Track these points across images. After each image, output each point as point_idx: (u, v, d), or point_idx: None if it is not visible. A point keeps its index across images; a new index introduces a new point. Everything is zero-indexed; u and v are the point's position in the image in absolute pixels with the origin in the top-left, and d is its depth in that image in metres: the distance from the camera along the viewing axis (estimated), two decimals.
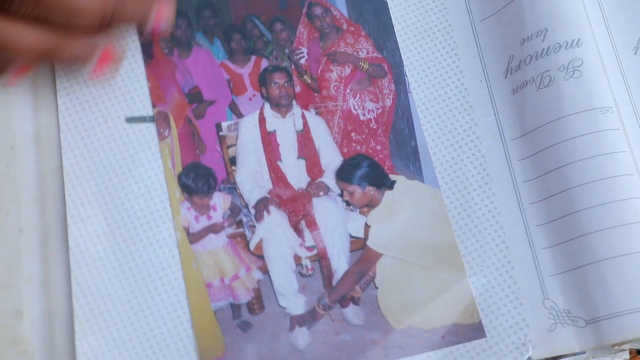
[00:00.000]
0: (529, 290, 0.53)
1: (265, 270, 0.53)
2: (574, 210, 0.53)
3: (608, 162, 0.53)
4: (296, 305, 0.53)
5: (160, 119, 0.56)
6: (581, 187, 0.53)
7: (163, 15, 0.54)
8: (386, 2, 0.60)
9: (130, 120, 0.56)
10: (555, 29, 0.56)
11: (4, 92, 0.57)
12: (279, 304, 0.53)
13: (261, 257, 0.54)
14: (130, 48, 0.57)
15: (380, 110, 0.58)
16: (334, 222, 0.55)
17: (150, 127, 0.56)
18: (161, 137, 0.56)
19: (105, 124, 0.56)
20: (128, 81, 0.57)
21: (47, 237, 0.54)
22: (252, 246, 0.54)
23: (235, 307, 0.52)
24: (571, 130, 0.54)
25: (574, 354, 0.53)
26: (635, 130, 0.56)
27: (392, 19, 0.60)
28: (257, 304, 0.52)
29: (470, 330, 0.52)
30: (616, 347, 0.52)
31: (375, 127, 0.58)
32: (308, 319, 0.52)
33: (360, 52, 0.60)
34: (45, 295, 0.53)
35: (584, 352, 0.53)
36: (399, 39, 0.59)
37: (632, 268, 0.50)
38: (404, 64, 0.59)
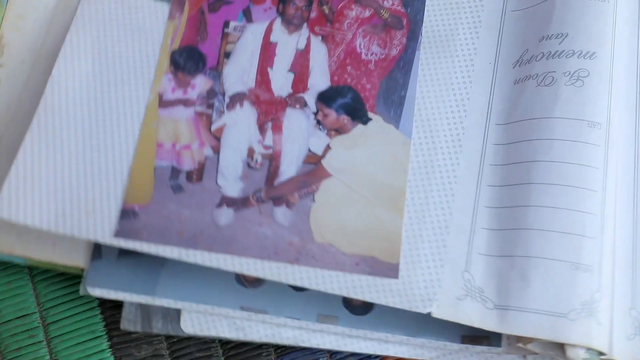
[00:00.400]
0: (455, 258, 0.56)
1: (216, 151, 0.58)
2: (526, 204, 0.56)
3: (576, 172, 0.56)
4: (232, 188, 0.57)
5: (176, 3, 0.62)
6: (542, 185, 0.56)
7: None
8: None
9: None
10: (576, 37, 0.60)
11: None
12: (217, 181, 0.57)
13: (218, 139, 0.58)
14: None
15: (383, 56, 0.63)
16: (298, 132, 0.59)
17: (165, 7, 0.62)
18: (171, 17, 0.62)
19: None
20: None
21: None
22: (213, 127, 0.59)
23: (175, 171, 0.57)
24: (553, 132, 0.57)
25: (489, 346, 0.55)
26: (629, 149, 0.59)
27: None
28: (196, 174, 0.57)
29: (385, 268, 0.55)
30: (521, 346, 0.54)
31: (372, 68, 0.62)
32: (238, 203, 0.56)
33: (385, 2, 0.64)
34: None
35: (500, 346, 0.55)
36: (427, 2, 0.64)
37: (556, 275, 0.53)
38: (424, 24, 0.63)
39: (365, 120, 0.60)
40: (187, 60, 0.61)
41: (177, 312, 0.55)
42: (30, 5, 0.64)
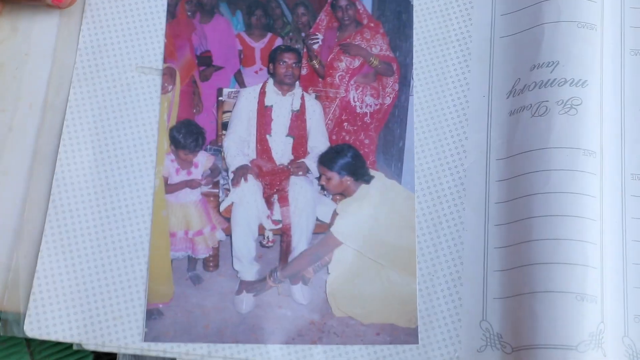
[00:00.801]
0: (471, 309, 0.58)
1: (228, 233, 0.59)
2: (529, 239, 0.57)
3: (574, 202, 0.57)
4: (249, 271, 0.58)
5: (167, 74, 0.62)
6: (542, 218, 0.57)
7: None
8: (412, 4, 0.64)
9: (140, 69, 0.62)
10: (567, 65, 0.60)
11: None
12: (233, 267, 0.58)
13: (228, 219, 0.60)
14: (157, 5, 0.63)
15: (378, 107, 0.63)
16: (305, 202, 0.60)
17: (157, 80, 0.62)
18: (164, 91, 0.62)
19: (116, 68, 0.62)
20: (147, 34, 0.63)
21: (34, 154, 0.61)
22: (222, 208, 0.60)
23: (191, 260, 0.58)
24: (549, 162, 0.58)
25: None
26: (616, 178, 0.59)
27: (414, 20, 0.64)
28: (212, 261, 0.58)
29: (405, 334, 0.57)
30: None
31: (368, 121, 0.63)
32: (257, 286, 0.58)
33: (373, 49, 0.64)
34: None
35: None
36: (415, 42, 0.64)
37: (562, 306, 0.55)
38: (414, 67, 0.63)
39: (367, 179, 0.61)
40: (186, 136, 0.61)
41: None
42: (7, 55, 0.63)
